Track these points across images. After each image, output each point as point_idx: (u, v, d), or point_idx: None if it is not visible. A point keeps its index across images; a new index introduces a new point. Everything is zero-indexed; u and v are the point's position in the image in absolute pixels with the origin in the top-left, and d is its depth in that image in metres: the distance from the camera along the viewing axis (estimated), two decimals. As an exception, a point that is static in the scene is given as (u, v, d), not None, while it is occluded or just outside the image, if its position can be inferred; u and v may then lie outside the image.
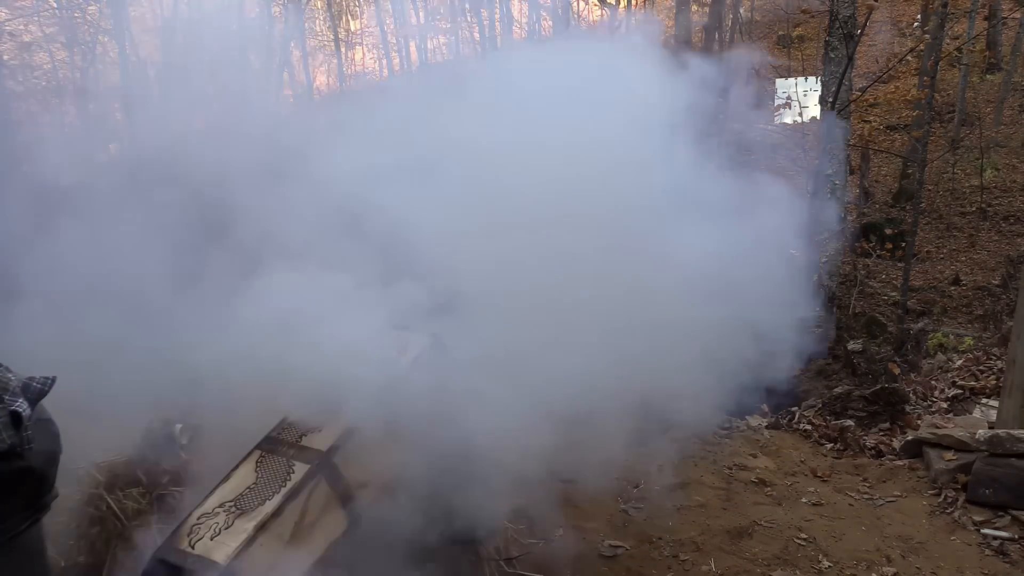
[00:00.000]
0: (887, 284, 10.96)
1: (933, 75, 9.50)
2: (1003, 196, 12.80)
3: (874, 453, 4.96)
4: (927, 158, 9.75)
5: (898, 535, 3.91)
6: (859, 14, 8.46)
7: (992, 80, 15.18)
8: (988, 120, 14.13)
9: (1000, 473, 4.06)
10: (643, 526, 4.00)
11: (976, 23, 14.28)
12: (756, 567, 3.61)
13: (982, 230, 12.16)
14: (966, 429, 4.51)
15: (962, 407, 5.58)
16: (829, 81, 8.17)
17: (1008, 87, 14.52)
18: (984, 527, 3.95)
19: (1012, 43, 14.94)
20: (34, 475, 2.10)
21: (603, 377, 2.83)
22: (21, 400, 1.98)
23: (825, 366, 6.09)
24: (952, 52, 12.27)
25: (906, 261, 9.04)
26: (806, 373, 6.03)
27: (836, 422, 5.31)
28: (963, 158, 13.32)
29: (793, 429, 5.41)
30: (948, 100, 14.34)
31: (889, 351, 7.23)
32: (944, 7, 9.76)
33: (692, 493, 4.32)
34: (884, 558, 3.68)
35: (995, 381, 5.72)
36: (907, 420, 5.28)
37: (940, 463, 4.42)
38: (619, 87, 3.20)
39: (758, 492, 4.38)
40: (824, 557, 3.69)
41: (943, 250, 11.92)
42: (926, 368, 6.85)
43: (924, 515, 4.12)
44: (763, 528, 3.94)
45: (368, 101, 3.85)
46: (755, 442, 5.08)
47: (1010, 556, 3.72)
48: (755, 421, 5.57)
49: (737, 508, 4.16)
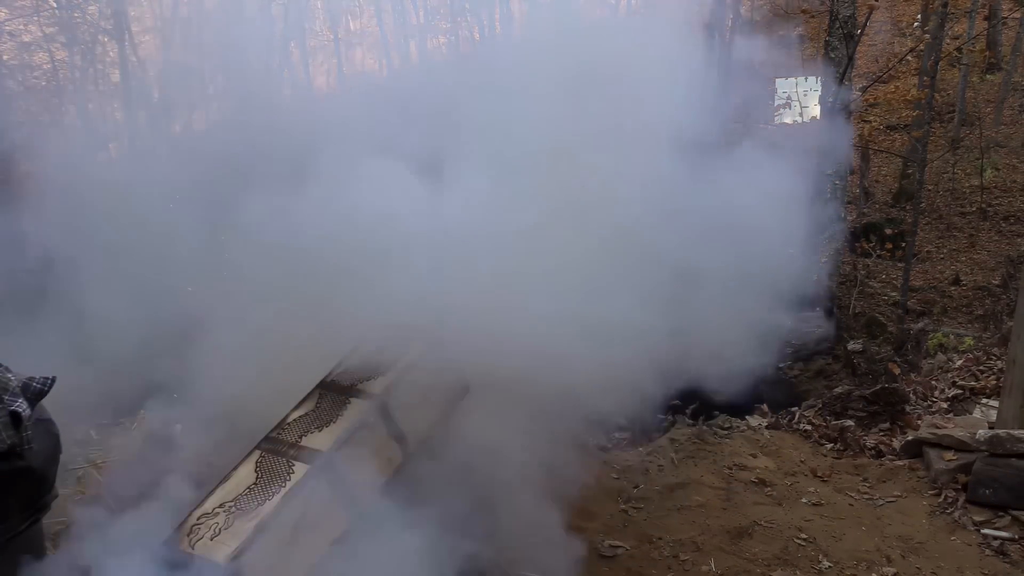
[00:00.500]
0: (887, 284, 10.95)
1: (933, 75, 9.50)
2: (1003, 196, 12.78)
3: (874, 453, 4.96)
4: (927, 158, 9.75)
5: (898, 535, 3.91)
6: (859, 14, 8.47)
7: (992, 80, 15.17)
8: (988, 120, 14.12)
9: (1000, 473, 4.06)
10: (643, 526, 4.00)
11: (976, 23, 14.27)
12: (756, 567, 3.61)
13: (982, 230, 12.15)
14: (966, 429, 4.50)
15: (962, 407, 5.57)
16: (829, 81, 8.18)
17: (1008, 87, 14.51)
18: (984, 527, 3.95)
19: (1012, 43, 14.93)
20: (34, 475, 2.10)
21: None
22: (21, 400, 1.98)
23: (825, 366, 6.09)
24: (952, 52, 12.26)
25: (906, 261, 9.04)
26: (806, 373, 6.03)
27: (836, 422, 5.30)
28: (963, 158, 13.31)
29: (793, 429, 5.41)
30: (948, 100, 14.33)
31: (889, 351, 7.23)
32: (944, 7, 9.75)
33: (692, 493, 4.32)
34: (884, 558, 3.68)
35: (995, 381, 5.72)
36: (907, 420, 5.28)
37: (940, 463, 4.41)
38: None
39: (758, 492, 4.38)
40: (824, 557, 3.69)
41: (943, 250, 11.91)
42: (926, 368, 6.84)
43: (924, 515, 4.12)
44: (763, 528, 3.93)
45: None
46: (755, 442, 5.08)
47: (1010, 556, 3.72)
48: (755, 421, 5.57)
49: (737, 508, 4.16)
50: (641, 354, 3.16)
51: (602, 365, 3.00)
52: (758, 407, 5.83)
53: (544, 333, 2.81)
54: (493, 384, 3.05)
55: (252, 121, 4.39)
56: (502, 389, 3.07)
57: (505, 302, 2.81)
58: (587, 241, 3.05)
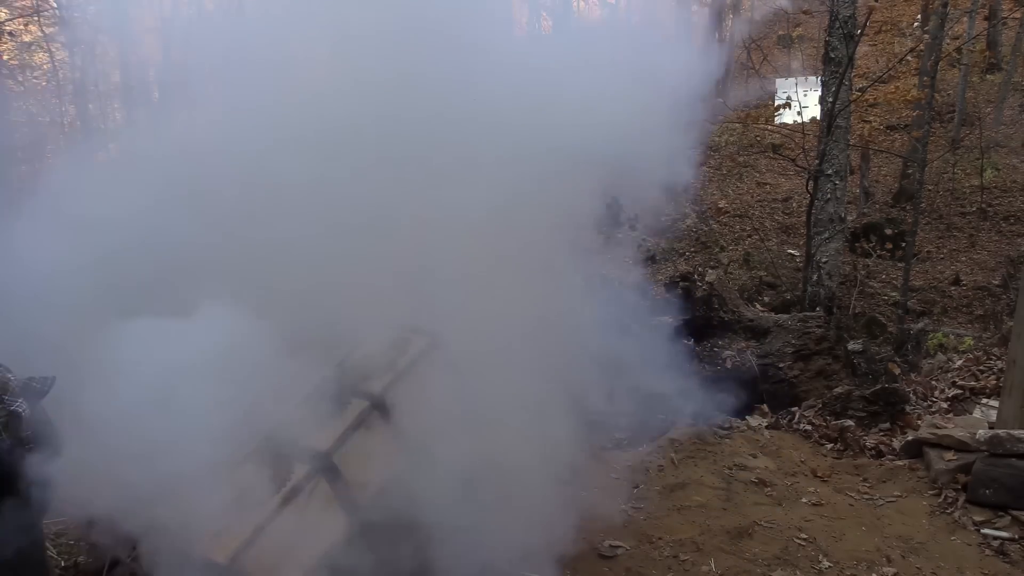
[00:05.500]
0: (887, 284, 10.94)
1: (933, 75, 9.48)
2: (1003, 196, 12.78)
3: (874, 453, 4.96)
4: (927, 158, 9.74)
5: (898, 535, 3.91)
6: (859, 14, 8.46)
7: (992, 80, 15.16)
8: (988, 120, 14.12)
9: (1000, 473, 4.06)
10: (643, 526, 4.00)
11: (976, 23, 14.26)
12: (756, 567, 3.61)
13: (982, 230, 12.14)
14: (966, 429, 4.50)
15: (962, 407, 5.57)
16: (829, 81, 8.18)
17: (1008, 87, 14.51)
18: (984, 527, 3.95)
19: (1012, 43, 14.92)
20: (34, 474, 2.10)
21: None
22: (21, 400, 1.99)
23: (825, 366, 6.07)
24: (952, 52, 12.25)
25: (906, 261, 9.03)
26: (806, 373, 6.02)
27: (836, 422, 5.30)
28: (963, 158, 13.30)
29: (793, 429, 5.41)
30: (948, 100, 14.32)
31: (889, 351, 7.22)
32: (944, 7, 9.75)
33: (692, 493, 4.32)
34: (884, 558, 3.68)
35: (995, 381, 5.72)
36: (907, 420, 5.28)
37: (940, 463, 4.41)
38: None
39: (758, 492, 4.38)
40: (824, 557, 3.69)
41: (943, 250, 11.90)
42: (926, 368, 6.83)
43: (924, 515, 4.12)
44: (763, 528, 3.93)
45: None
46: (755, 442, 5.08)
47: (1010, 556, 3.72)
48: (755, 421, 5.57)
49: (737, 508, 4.16)
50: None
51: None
52: (758, 407, 5.83)
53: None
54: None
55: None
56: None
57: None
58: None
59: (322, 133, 3.11)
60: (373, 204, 3.08)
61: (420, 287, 3.15)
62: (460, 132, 3.21)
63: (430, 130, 3.18)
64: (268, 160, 3.09)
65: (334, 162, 3.05)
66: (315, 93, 3.26)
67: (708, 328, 6.48)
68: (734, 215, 13.58)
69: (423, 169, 3.16)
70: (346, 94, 3.19)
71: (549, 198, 3.40)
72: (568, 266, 3.86)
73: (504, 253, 3.32)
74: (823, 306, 7.78)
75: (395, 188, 3.11)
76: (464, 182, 3.15)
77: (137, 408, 2.30)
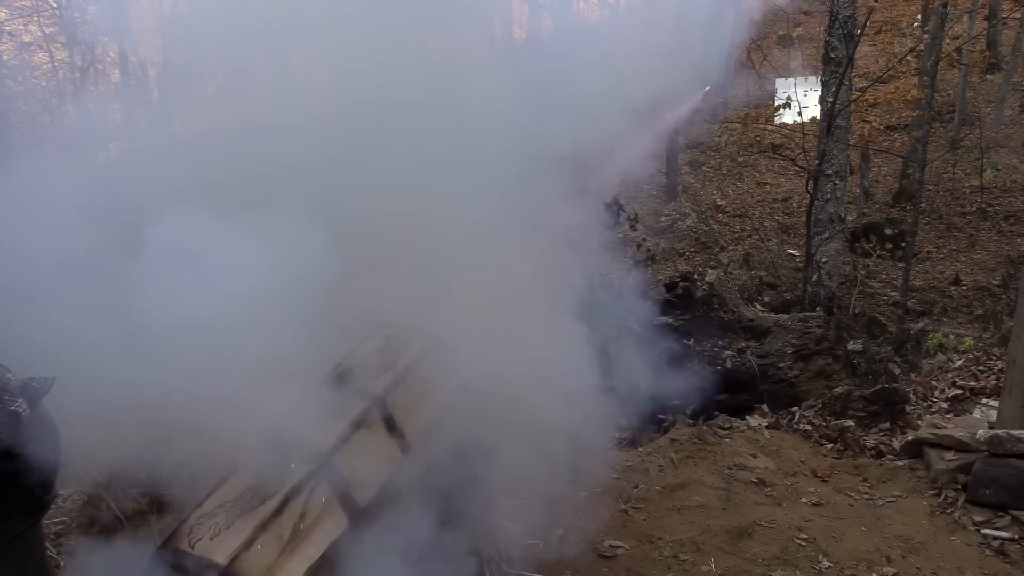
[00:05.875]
0: (887, 284, 10.96)
1: (933, 75, 9.49)
2: (1003, 196, 12.79)
3: (874, 453, 4.96)
4: (927, 158, 9.75)
5: (898, 535, 3.91)
6: (859, 14, 8.47)
7: (992, 80, 15.17)
8: (988, 120, 14.12)
9: (1000, 473, 4.05)
10: (643, 526, 3.99)
11: (976, 23, 14.28)
12: (756, 567, 3.61)
13: (982, 230, 12.16)
14: (966, 429, 4.50)
15: (962, 407, 5.57)
16: (829, 81, 8.18)
17: (1008, 87, 14.52)
18: (984, 527, 3.95)
19: (1012, 43, 14.93)
20: (34, 475, 2.10)
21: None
22: (21, 400, 1.98)
23: (825, 366, 6.08)
24: (952, 52, 12.26)
25: (906, 261, 9.03)
26: (806, 373, 6.03)
27: (836, 422, 5.30)
28: (963, 158, 13.31)
29: (793, 429, 5.41)
30: (948, 100, 14.33)
31: (889, 351, 7.23)
32: (944, 7, 9.76)
33: (692, 493, 4.32)
34: (884, 558, 3.67)
35: (995, 381, 5.72)
36: (907, 420, 5.28)
37: (940, 463, 4.41)
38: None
39: (758, 492, 4.38)
40: (824, 557, 3.69)
41: (943, 250, 11.91)
42: (926, 368, 6.84)
43: (924, 515, 4.12)
44: (763, 528, 3.93)
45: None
46: (755, 442, 5.07)
47: (1010, 556, 3.72)
48: (755, 421, 5.57)
49: (737, 508, 4.16)
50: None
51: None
52: (758, 407, 5.83)
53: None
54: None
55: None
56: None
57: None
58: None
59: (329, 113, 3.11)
60: (373, 204, 3.08)
61: (420, 288, 3.14)
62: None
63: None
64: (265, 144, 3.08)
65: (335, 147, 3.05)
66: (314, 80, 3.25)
67: (708, 328, 6.48)
68: (734, 215, 13.60)
69: (419, 163, 3.15)
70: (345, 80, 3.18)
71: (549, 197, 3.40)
72: (567, 265, 3.86)
73: (504, 253, 3.32)
74: (823, 306, 7.78)
75: (393, 181, 3.10)
76: (463, 177, 3.15)
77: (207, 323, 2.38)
